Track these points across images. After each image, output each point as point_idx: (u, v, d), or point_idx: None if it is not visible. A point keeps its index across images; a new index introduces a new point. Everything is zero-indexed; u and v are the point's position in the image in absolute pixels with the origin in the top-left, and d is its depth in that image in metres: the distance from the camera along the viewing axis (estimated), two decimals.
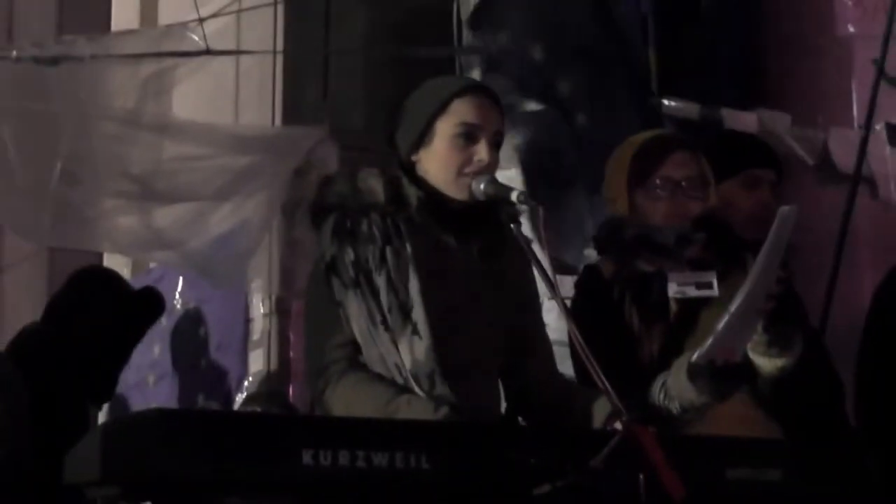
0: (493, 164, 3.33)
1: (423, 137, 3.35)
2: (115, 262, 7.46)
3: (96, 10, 8.50)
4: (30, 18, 9.36)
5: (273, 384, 6.31)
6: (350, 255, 3.26)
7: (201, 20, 5.32)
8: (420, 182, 3.35)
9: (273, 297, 6.39)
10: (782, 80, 5.63)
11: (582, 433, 3.10)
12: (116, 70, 5.39)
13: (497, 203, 3.25)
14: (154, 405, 6.15)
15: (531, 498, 2.75)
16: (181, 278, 6.74)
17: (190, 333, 6.71)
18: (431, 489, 2.67)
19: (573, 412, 3.33)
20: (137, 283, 6.91)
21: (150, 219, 5.55)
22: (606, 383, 2.84)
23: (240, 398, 6.33)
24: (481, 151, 3.31)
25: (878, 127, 5.05)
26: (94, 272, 5.45)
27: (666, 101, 5.10)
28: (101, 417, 5.45)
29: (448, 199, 3.33)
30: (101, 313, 5.09)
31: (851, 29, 5.51)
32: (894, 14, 4.75)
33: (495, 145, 3.35)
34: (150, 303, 5.38)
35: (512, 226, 3.20)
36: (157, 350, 6.86)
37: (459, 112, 3.33)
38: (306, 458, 2.56)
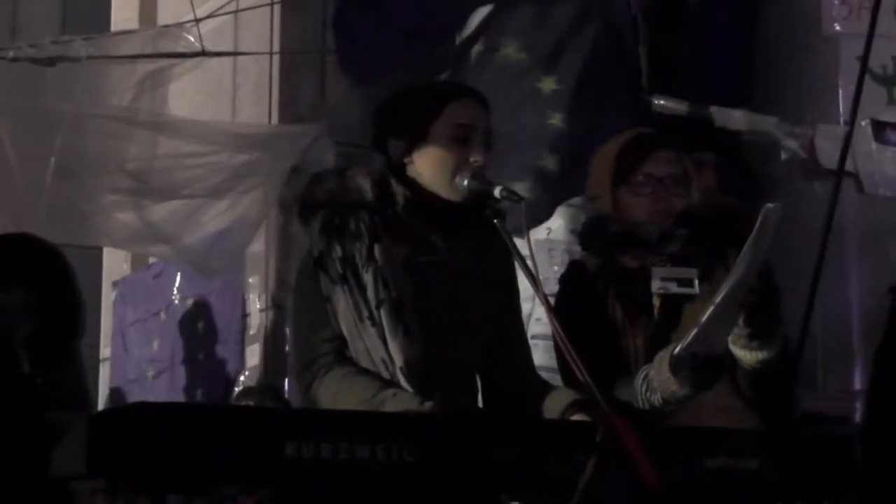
0: (485, 165, 3.38)
1: (415, 140, 3.40)
2: (116, 257, 7.53)
3: (97, 9, 8.55)
4: (34, 17, 9.40)
5: (269, 378, 6.35)
6: (338, 251, 3.31)
7: (197, 21, 5.35)
8: (408, 182, 3.40)
9: (269, 293, 6.44)
10: (770, 78, 5.67)
11: (561, 425, 3.15)
12: (112, 69, 5.41)
13: (481, 199, 3.30)
14: (153, 399, 6.19)
15: (512, 490, 2.80)
16: (179, 273, 6.77)
17: (189, 328, 6.74)
18: (413, 481, 2.70)
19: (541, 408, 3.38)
20: (138, 278, 6.99)
21: (146, 214, 5.57)
22: (587, 376, 2.88)
23: (236, 392, 6.37)
24: (476, 153, 3.36)
25: (864, 123, 5.09)
26: None
27: (655, 100, 5.13)
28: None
29: (435, 199, 3.38)
30: None
31: (837, 27, 5.55)
32: (878, 12, 4.78)
33: (486, 146, 3.40)
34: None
35: (495, 221, 3.25)
36: (155, 345, 6.89)
37: (453, 115, 3.38)
38: (289, 450, 2.58)
